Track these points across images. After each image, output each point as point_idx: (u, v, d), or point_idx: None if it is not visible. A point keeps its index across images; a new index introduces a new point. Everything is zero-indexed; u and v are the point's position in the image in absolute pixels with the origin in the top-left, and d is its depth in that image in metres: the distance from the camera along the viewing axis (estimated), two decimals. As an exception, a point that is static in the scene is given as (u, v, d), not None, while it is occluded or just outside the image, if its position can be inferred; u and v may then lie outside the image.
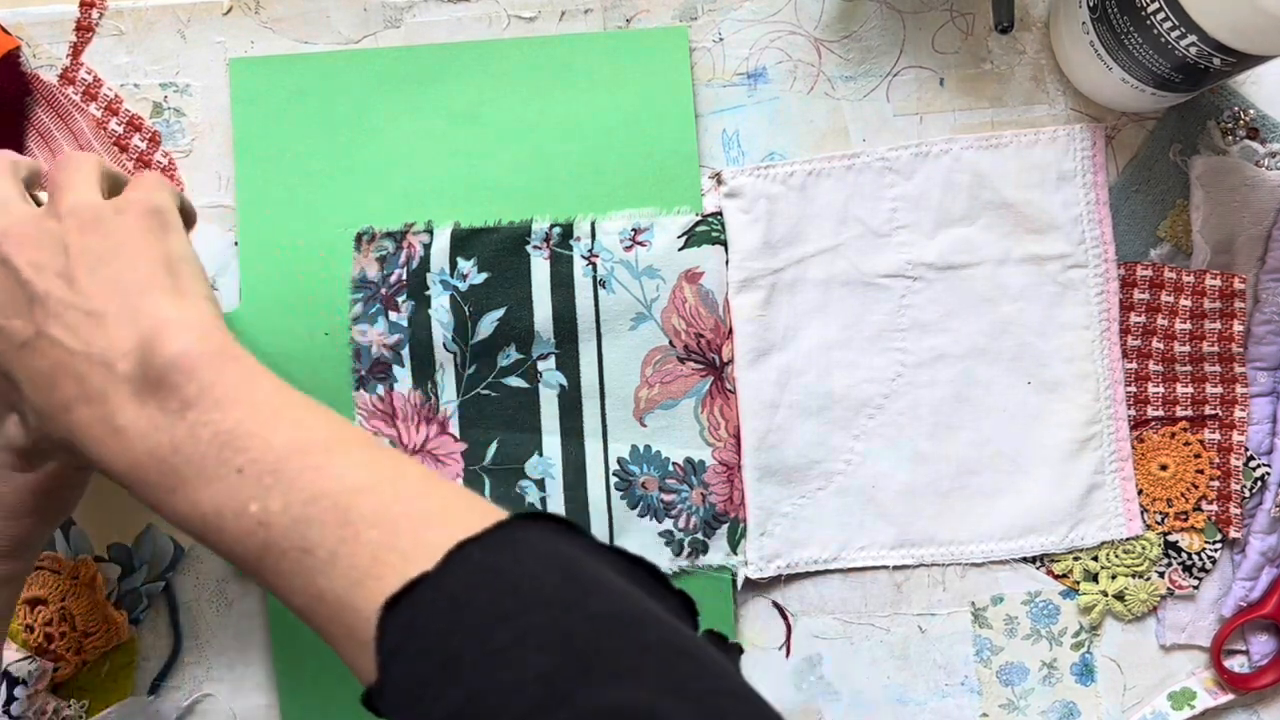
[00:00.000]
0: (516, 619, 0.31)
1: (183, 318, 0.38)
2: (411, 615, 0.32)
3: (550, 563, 0.33)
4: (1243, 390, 0.57)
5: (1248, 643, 0.58)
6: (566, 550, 0.34)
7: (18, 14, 0.57)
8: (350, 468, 0.36)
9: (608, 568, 0.34)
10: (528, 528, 0.34)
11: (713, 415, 0.56)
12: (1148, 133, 0.58)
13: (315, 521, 0.35)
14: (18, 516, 0.45)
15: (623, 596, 0.33)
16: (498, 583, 0.32)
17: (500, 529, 0.34)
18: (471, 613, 0.31)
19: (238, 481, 0.36)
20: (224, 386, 0.37)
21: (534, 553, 0.33)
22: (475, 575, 0.32)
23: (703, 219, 0.56)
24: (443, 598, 0.32)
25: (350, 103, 0.57)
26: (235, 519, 0.35)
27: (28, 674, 0.54)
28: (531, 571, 0.33)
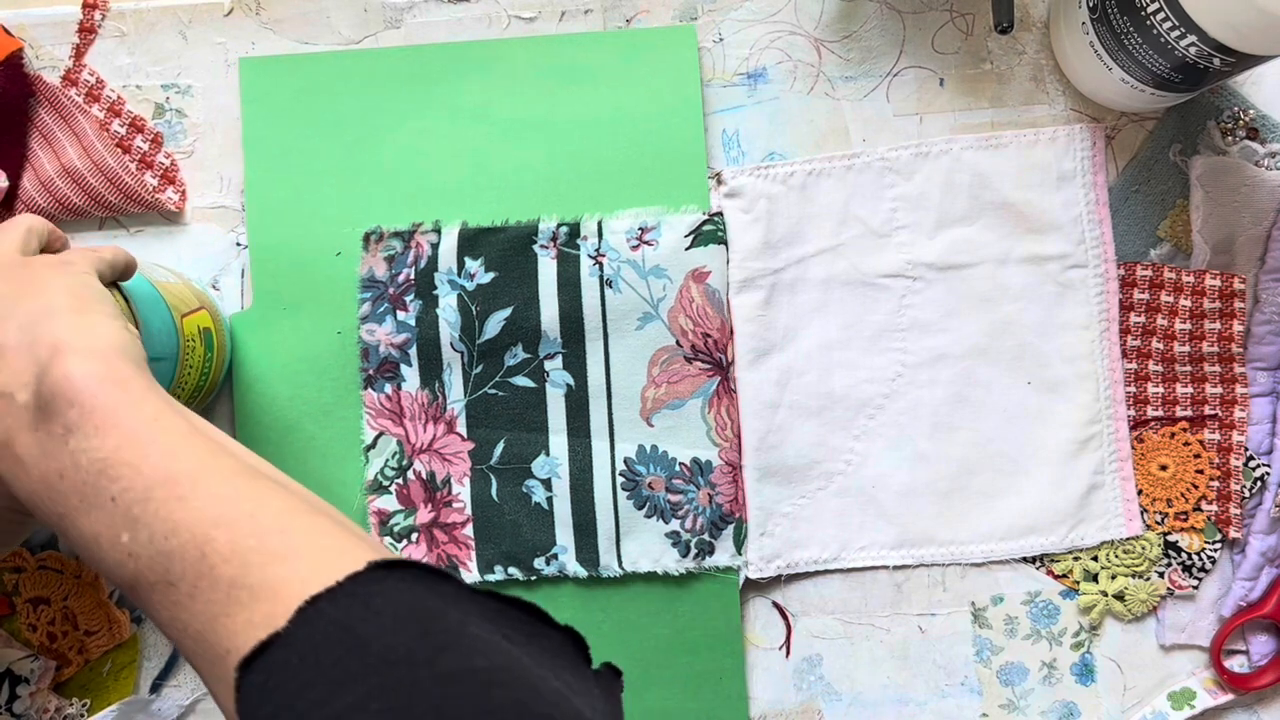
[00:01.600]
0: (361, 680, 0.30)
1: (75, 341, 0.38)
2: (265, 677, 0.31)
3: (405, 617, 0.32)
4: (1242, 390, 0.57)
5: (1247, 643, 0.58)
6: (426, 601, 0.33)
7: (20, 15, 0.57)
8: (212, 501, 0.35)
9: (475, 616, 0.33)
10: (385, 578, 0.33)
11: (720, 415, 0.56)
12: (1148, 133, 0.58)
13: (176, 555, 0.34)
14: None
15: (481, 653, 0.32)
16: (347, 640, 0.31)
17: (354, 581, 0.33)
18: (318, 673, 0.31)
19: (111, 511, 0.36)
20: (104, 412, 0.37)
21: (389, 606, 0.32)
22: (325, 633, 0.31)
23: (709, 218, 0.56)
24: (293, 657, 0.31)
25: (359, 102, 0.57)
26: (110, 548, 0.36)
27: (30, 672, 0.54)
28: (382, 628, 0.32)
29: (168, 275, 0.53)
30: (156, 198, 0.57)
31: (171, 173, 0.57)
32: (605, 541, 0.56)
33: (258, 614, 0.32)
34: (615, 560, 0.56)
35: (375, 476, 0.56)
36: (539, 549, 0.56)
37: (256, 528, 0.35)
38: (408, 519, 0.56)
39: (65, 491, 0.36)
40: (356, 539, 0.36)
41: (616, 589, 0.56)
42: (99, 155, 0.56)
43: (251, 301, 0.57)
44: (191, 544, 0.34)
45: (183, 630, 0.34)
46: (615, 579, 0.56)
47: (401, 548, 0.56)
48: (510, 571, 0.56)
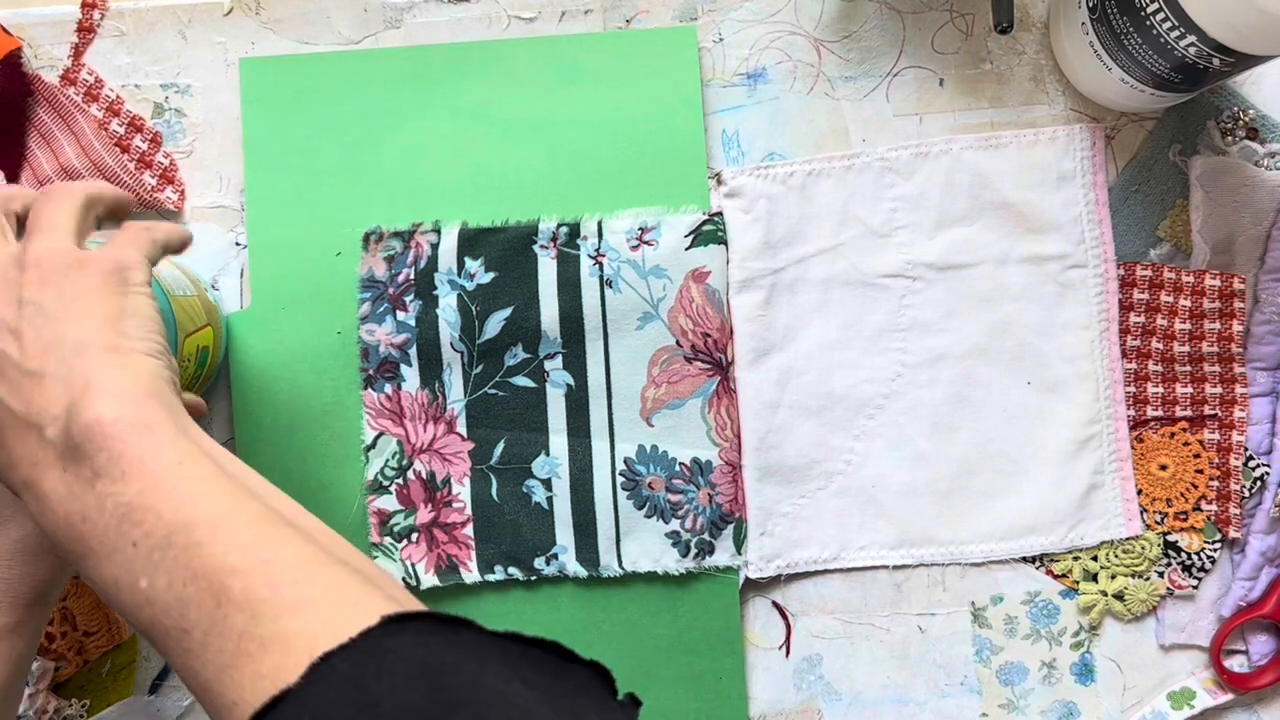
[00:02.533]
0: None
1: (109, 381, 0.38)
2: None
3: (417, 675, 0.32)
4: (1242, 390, 0.57)
5: (1247, 642, 0.58)
6: (441, 655, 0.33)
7: (19, 15, 0.57)
8: (230, 549, 0.35)
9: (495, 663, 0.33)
10: (399, 632, 0.33)
11: (720, 415, 0.56)
12: (1147, 133, 0.58)
13: (192, 603, 0.34)
14: (42, 556, 0.46)
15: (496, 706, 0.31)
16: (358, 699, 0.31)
17: (366, 637, 0.32)
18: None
19: (132, 555, 0.35)
20: (130, 457, 0.37)
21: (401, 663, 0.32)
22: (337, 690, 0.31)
23: (709, 218, 0.56)
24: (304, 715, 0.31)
25: (359, 102, 0.57)
26: (130, 592, 0.35)
27: (29, 673, 0.54)
28: (394, 686, 0.31)
29: (185, 286, 0.53)
30: (155, 197, 0.57)
31: (170, 172, 0.57)
32: (605, 541, 0.56)
33: (266, 666, 0.32)
34: (615, 560, 0.56)
35: (375, 476, 0.56)
36: (539, 549, 0.56)
37: (271, 577, 0.34)
38: (408, 519, 0.56)
39: (87, 534, 0.36)
40: (373, 589, 0.35)
41: (616, 589, 0.56)
42: (97, 155, 0.56)
43: (251, 301, 0.56)
44: (207, 592, 0.34)
45: (194, 678, 0.34)
46: (615, 579, 0.56)
47: (401, 547, 0.56)
48: (510, 571, 0.56)
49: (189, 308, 0.51)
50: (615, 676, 0.36)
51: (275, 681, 0.32)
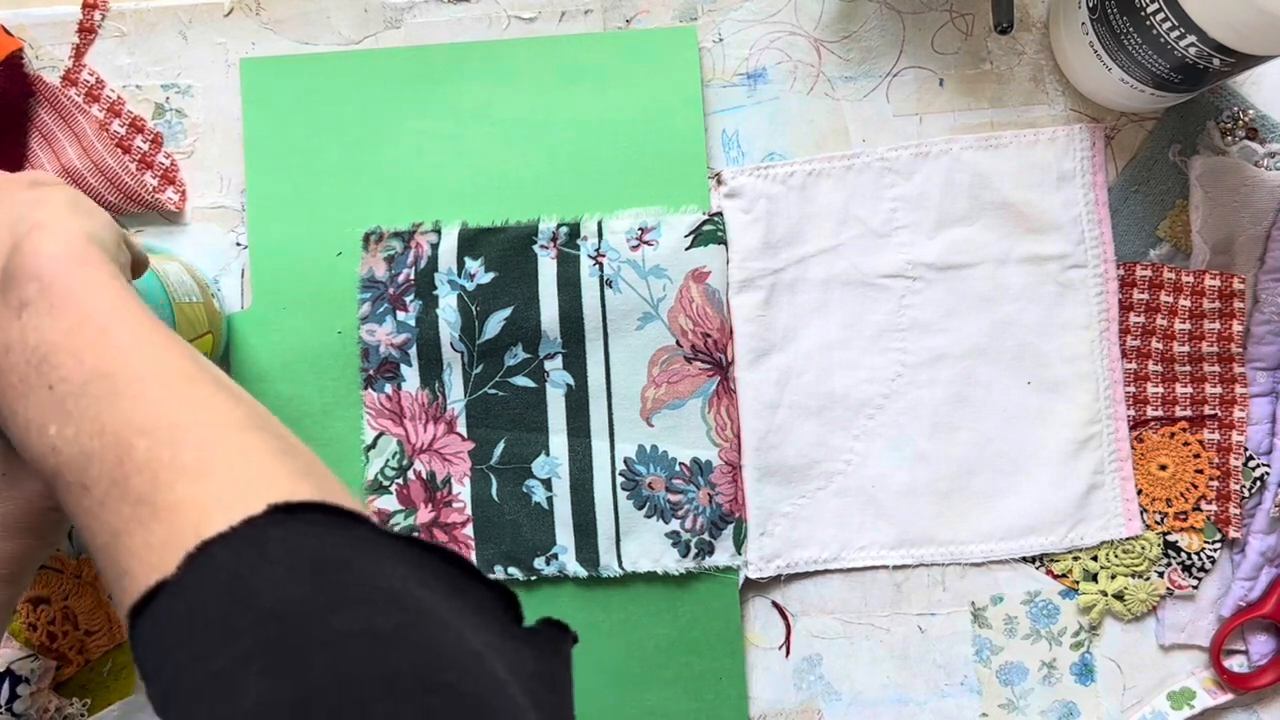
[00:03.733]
0: (248, 634, 0.28)
1: (54, 225, 0.36)
2: (152, 625, 0.29)
3: (302, 567, 0.29)
4: (1242, 390, 0.57)
5: (1247, 642, 0.58)
6: (331, 551, 0.30)
7: (20, 15, 0.57)
8: (144, 404, 0.33)
9: (390, 563, 0.31)
10: (286, 521, 0.30)
11: (719, 415, 0.56)
12: (1147, 133, 0.58)
13: (96, 458, 0.32)
14: (17, 534, 0.45)
15: (383, 610, 0.29)
16: (237, 591, 0.28)
17: (250, 525, 0.30)
18: (205, 625, 0.28)
19: (46, 398, 0.34)
20: (61, 291, 0.35)
21: (286, 554, 0.29)
22: (215, 581, 0.29)
23: (709, 218, 0.56)
24: (181, 606, 0.29)
25: (359, 103, 0.57)
26: (39, 438, 0.34)
27: (30, 672, 0.54)
28: (275, 579, 0.29)
29: (192, 292, 0.53)
30: (156, 198, 0.57)
31: (171, 173, 0.57)
32: (605, 541, 0.56)
33: (155, 537, 0.30)
34: (615, 560, 0.56)
35: (375, 476, 0.56)
36: (539, 549, 0.56)
37: (177, 440, 0.32)
38: (408, 519, 0.56)
39: (6, 369, 0.35)
40: (286, 463, 0.33)
41: (616, 589, 0.56)
42: (99, 155, 0.56)
43: (251, 301, 0.57)
44: (113, 448, 0.32)
45: (92, 540, 0.32)
46: (615, 579, 0.56)
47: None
48: (510, 571, 0.56)
49: (192, 315, 0.51)
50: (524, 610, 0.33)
51: (162, 556, 0.30)
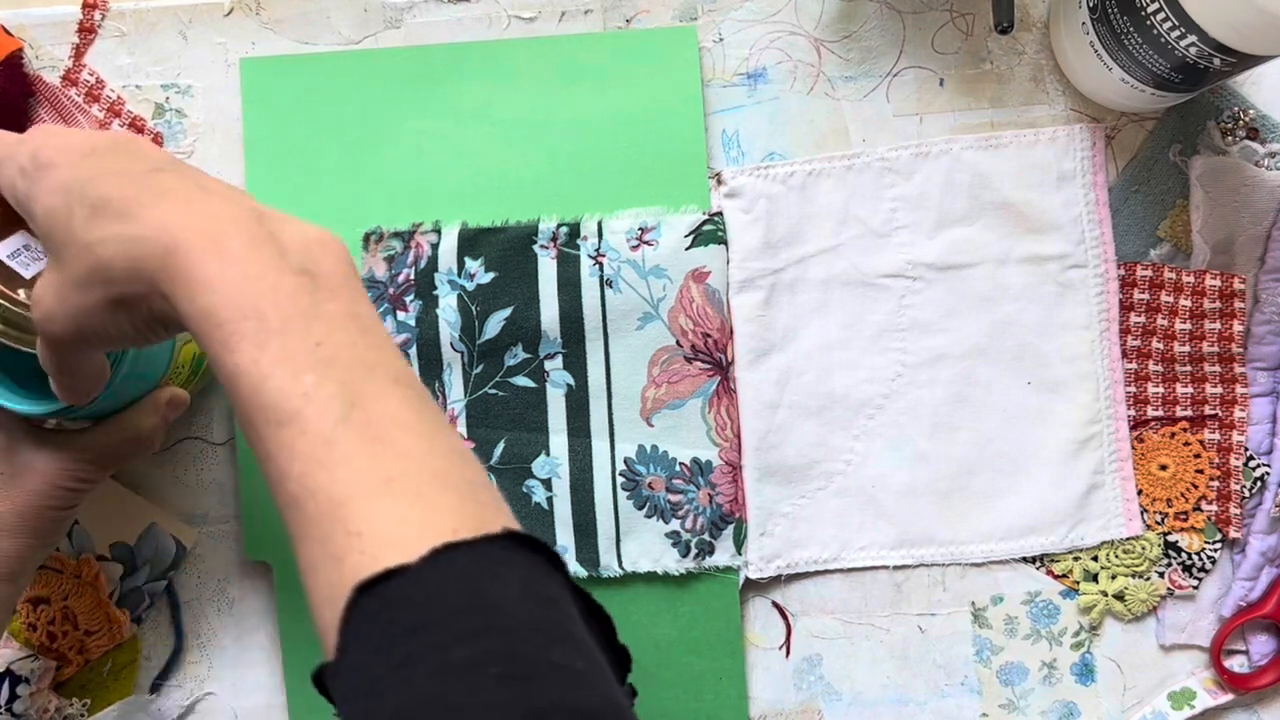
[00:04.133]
0: (484, 638, 0.30)
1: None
2: (383, 604, 0.31)
3: (529, 594, 0.32)
4: (1242, 390, 0.57)
5: (1247, 643, 0.58)
6: (547, 587, 0.33)
7: (20, 15, 0.57)
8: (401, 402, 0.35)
9: (577, 613, 0.34)
10: (517, 549, 0.33)
11: (720, 415, 0.56)
12: (1147, 133, 0.58)
13: (342, 442, 0.33)
14: (15, 534, 0.45)
15: (581, 655, 0.32)
16: (474, 597, 0.31)
17: (490, 542, 0.32)
18: (441, 619, 0.30)
19: (306, 349, 0.34)
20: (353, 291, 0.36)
21: (517, 579, 0.32)
22: (456, 582, 0.31)
23: (709, 218, 0.56)
24: (418, 595, 0.31)
25: (359, 102, 0.57)
26: (288, 382, 0.34)
27: (30, 672, 0.54)
28: (509, 597, 0.32)
29: None
30: (156, 198, 0.57)
31: (171, 173, 0.57)
32: (605, 541, 0.56)
33: (410, 528, 0.32)
34: (615, 560, 0.56)
35: (375, 476, 0.56)
36: (539, 549, 0.56)
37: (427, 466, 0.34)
38: (408, 519, 0.56)
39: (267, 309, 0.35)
40: (496, 496, 0.36)
41: (616, 589, 0.56)
42: (99, 155, 0.56)
43: (251, 301, 0.56)
44: (362, 428, 0.33)
45: (310, 494, 0.33)
46: (615, 579, 0.56)
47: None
48: (510, 571, 0.56)
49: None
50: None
51: (404, 547, 0.31)
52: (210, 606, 0.57)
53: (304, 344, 0.34)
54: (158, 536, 0.56)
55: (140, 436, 0.48)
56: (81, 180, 0.37)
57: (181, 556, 0.56)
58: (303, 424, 0.33)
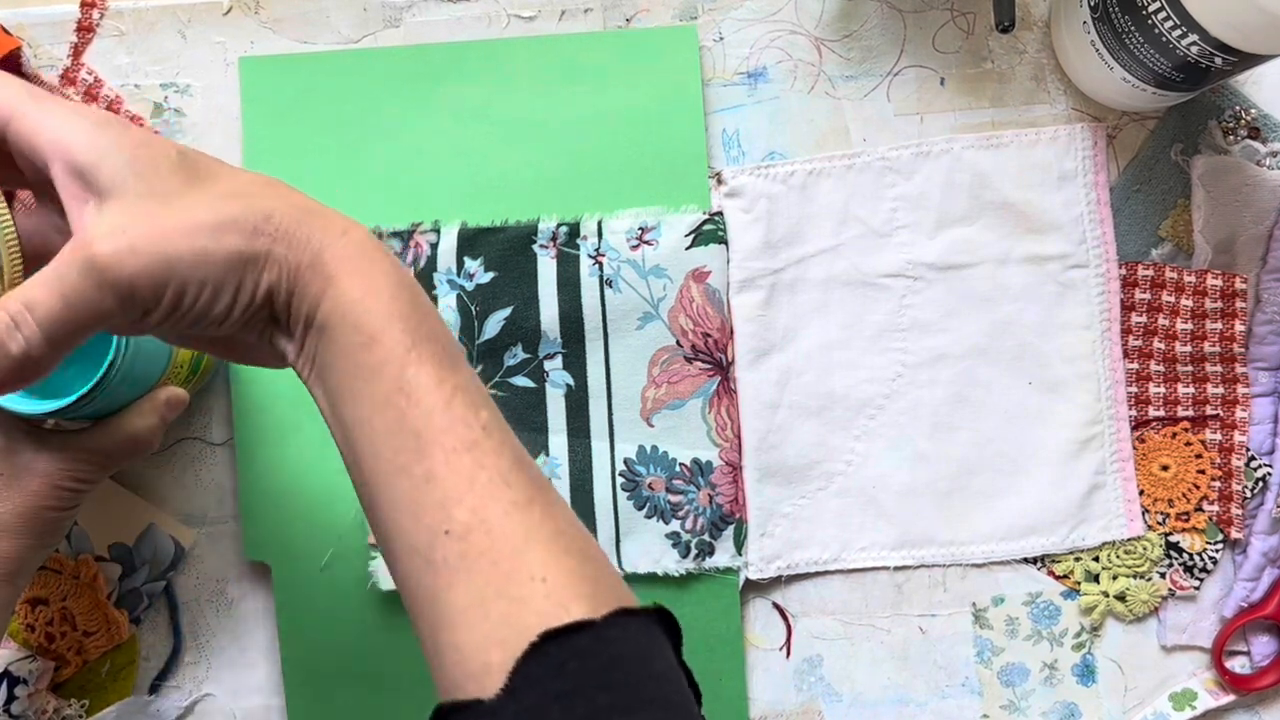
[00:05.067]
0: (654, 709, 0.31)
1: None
2: (567, 655, 0.31)
3: (675, 670, 0.34)
4: (1244, 390, 0.57)
5: (1249, 643, 0.58)
6: (679, 663, 0.35)
7: (19, 14, 0.57)
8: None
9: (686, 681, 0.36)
10: (662, 623, 0.35)
11: (720, 415, 0.56)
12: (1149, 132, 0.58)
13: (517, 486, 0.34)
14: (16, 535, 0.45)
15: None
16: (644, 665, 0.32)
17: (648, 614, 0.34)
18: (623, 680, 0.31)
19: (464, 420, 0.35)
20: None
21: (669, 653, 0.34)
22: (629, 646, 0.32)
23: (710, 218, 0.56)
24: (602, 653, 0.31)
25: (358, 102, 0.57)
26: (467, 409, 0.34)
27: (28, 673, 0.54)
28: (668, 670, 0.33)
29: None
30: (155, 197, 0.57)
31: (170, 172, 0.57)
32: (605, 542, 0.56)
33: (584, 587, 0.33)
34: (615, 561, 0.56)
35: (374, 477, 0.56)
36: (539, 549, 0.56)
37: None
38: (407, 519, 0.56)
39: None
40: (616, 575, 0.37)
41: (616, 589, 0.56)
42: (97, 155, 0.56)
43: (250, 301, 0.56)
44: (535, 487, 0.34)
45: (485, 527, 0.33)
46: (615, 579, 0.56)
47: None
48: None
49: None
50: None
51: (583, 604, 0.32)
52: (209, 607, 0.57)
53: (466, 376, 0.35)
54: (156, 537, 0.56)
55: (139, 437, 0.48)
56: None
57: (180, 557, 0.56)
58: (481, 457, 0.33)
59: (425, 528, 0.34)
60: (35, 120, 0.35)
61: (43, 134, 0.35)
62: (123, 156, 0.34)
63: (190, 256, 0.34)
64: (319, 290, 0.35)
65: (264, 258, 0.35)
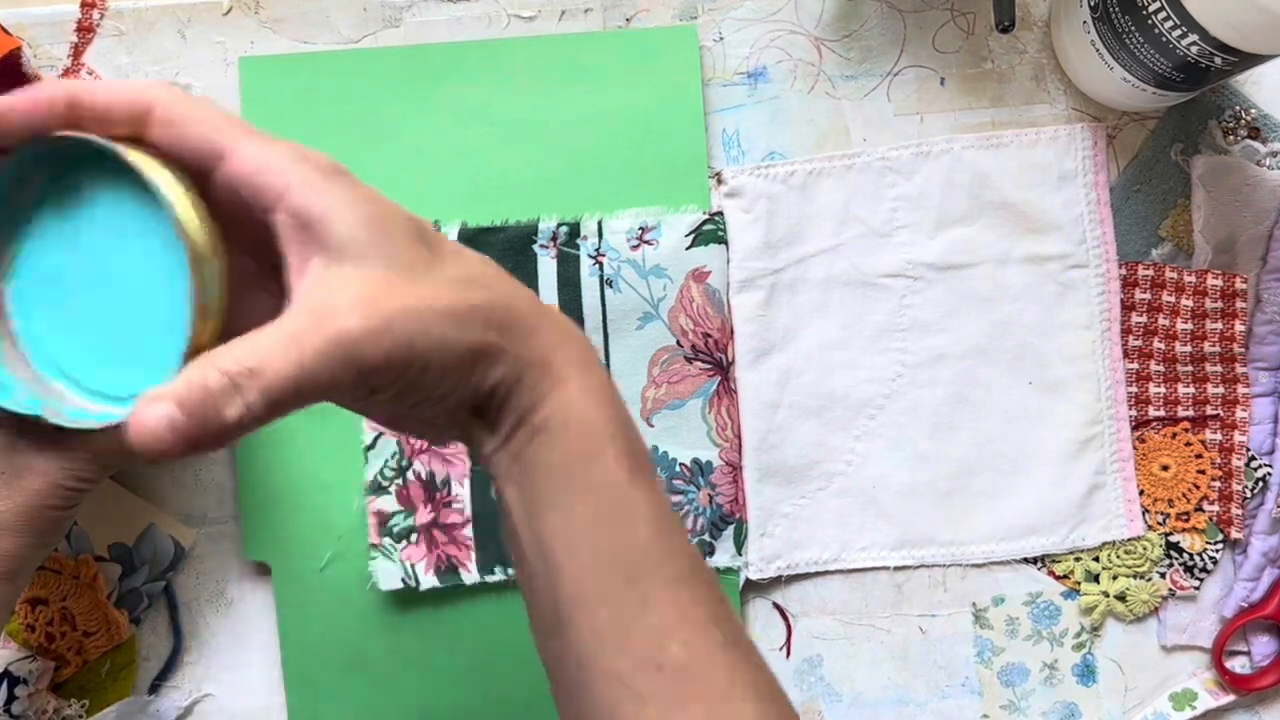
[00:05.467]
0: None
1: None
2: None
3: None
4: (1244, 390, 0.57)
5: (1249, 643, 0.58)
6: None
7: (18, 14, 0.57)
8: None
9: None
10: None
11: (720, 415, 0.56)
12: (1149, 132, 0.58)
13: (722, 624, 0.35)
14: (16, 533, 0.45)
15: None
16: None
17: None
18: None
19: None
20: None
21: None
22: None
23: (710, 217, 0.56)
24: None
25: (358, 102, 0.57)
26: (685, 541, 0.35)
27: (28, 673, 0.54)
28: None
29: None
30: (155, 197, 0.57)
31: (170, 172, 0.57)
32: (605, 542, 0.56)
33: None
34: (615, 561, 0.56)
35: (375, 477, 0.56)
36: (538, 549, 0.56)
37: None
38: (407, 519, 0.56)
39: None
40: None
41: (616, 590, 0.56)
42: (97, 155, 0.56)
43: (250, 301, 0.56)
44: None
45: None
46: (615, 579, 0.56)
47: (401, 548, 0.56)
48: (510, 572, 0.56)
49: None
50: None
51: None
52: (209, 607, 0.57)
53: (669, 501, 0.36)
54: (156, 537, 0.56)
55: None
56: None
57: (180, 557, 0.56)
58: (693, 592, 0.33)
59: (633, 658, 0.32)
60: (256, 160, 0.33)
61: (265, 176, 0.33)
62: (357, 214, 0.33)
63: (435, 343, 0.32)
64: (543, 392, 0.34)
65: (498, 353, 0.33)
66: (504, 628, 0.56)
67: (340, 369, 0.30)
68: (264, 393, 0.30)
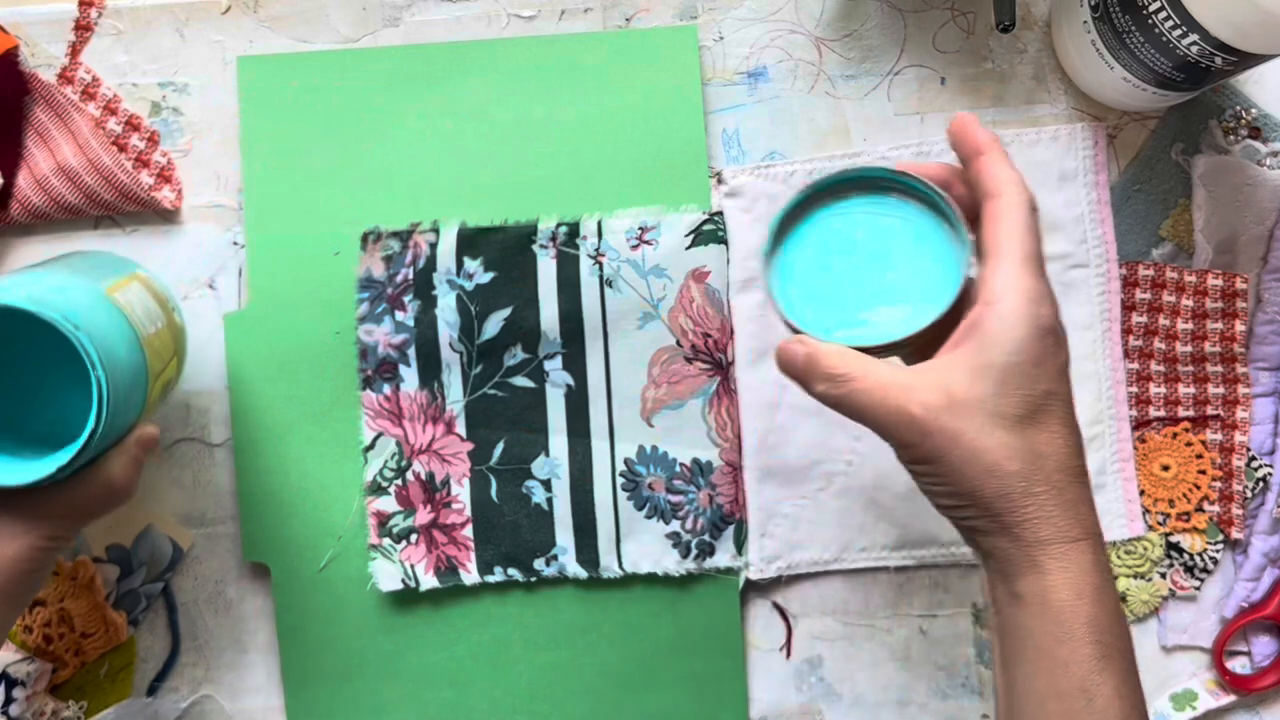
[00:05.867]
0: None
1: None
2: None
3: None
4: (1245, 390, 0.57)
5: (1249, 644, 0.58)
6: None
7: (16, 13, 0.57)
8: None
9: None
10: None
11: (720, 415, 0.56)
12: (1149, 132, 0.58)
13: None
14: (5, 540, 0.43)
15: None
16: None
17: None
18: None
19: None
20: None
21: None
22: None
23: (710, 217, 0.56)
24: None
25: (357, 101, 0.56)
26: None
27: (26, 675, 0.54)
28: None
29: (156, 317, 0.48)
30: (152, 196, 0.56)
31: (168, 171, 0.57)
32: (605, 542, 0.56)
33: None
34: (615, 561, 0.56)
35: (374, 478, 0.56)
36: (539, 550, 0.56)
37: None
38: (407, 520, 0.56)
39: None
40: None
41: (617, 590, 0.56)
42: (94, 153, 0.56)
43: (248, 301, 0.56)
44: None
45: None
46: (615, 580, 0.56)
47: (400, 549, 0.56)
48: (510, 573, 0.56)
49: (159, 345, 0.48)
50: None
51: None
52: (207, 608, 0.56)
53: (1137, 687, 0.39)
54: (155, 538, 0.56)
55: (114, 485, 0.45)
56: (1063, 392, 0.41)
57: (178, 558, 0.56)
58: None
59: None
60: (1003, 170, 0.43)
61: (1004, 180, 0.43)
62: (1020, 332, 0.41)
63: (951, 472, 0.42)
64: (1029, 563, 0.39)
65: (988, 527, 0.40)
66: (503, 628, 0.56)
67: (878, 429, 0.42)
68: (845, 397, 0.42)
